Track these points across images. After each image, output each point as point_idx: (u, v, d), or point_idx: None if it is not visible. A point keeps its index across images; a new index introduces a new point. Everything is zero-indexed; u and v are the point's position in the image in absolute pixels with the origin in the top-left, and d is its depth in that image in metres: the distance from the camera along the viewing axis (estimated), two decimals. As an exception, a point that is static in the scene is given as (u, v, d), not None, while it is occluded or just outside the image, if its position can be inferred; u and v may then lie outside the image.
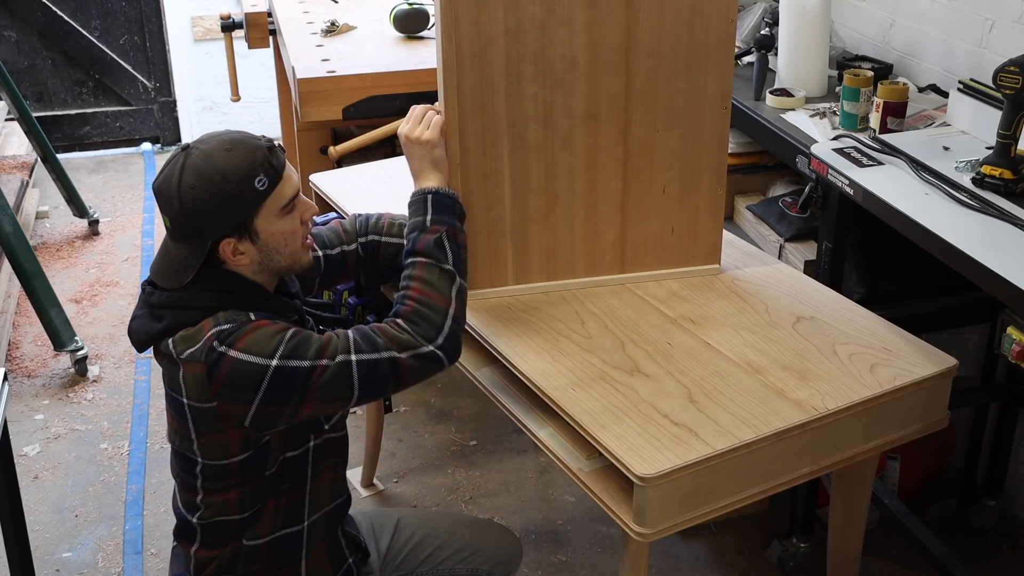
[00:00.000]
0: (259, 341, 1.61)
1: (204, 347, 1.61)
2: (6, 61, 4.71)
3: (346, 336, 1.65)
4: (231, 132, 1.68)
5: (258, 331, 1.62)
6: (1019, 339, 1.84)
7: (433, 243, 1.76)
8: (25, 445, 3.13)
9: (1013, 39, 2.48)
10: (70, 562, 2.71)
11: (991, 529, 2.70)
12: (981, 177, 2.08)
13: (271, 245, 1.68)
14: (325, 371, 1.61)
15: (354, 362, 1.63)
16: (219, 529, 1.76)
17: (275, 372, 1.59)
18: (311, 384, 1.61)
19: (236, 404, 1.62)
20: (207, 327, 1.63)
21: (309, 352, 1.62)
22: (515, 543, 2.10)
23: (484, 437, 3.12)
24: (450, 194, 1.85)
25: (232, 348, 1.60)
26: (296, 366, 1.60)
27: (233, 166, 1.60)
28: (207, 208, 1.61)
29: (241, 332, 1.61)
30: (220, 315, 1.64)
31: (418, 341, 1.67)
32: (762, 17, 3.26)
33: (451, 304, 1.71)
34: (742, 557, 2.67)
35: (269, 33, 3.88)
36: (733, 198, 3.03)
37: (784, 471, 1.75)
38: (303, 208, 1.72)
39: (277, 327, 1.63)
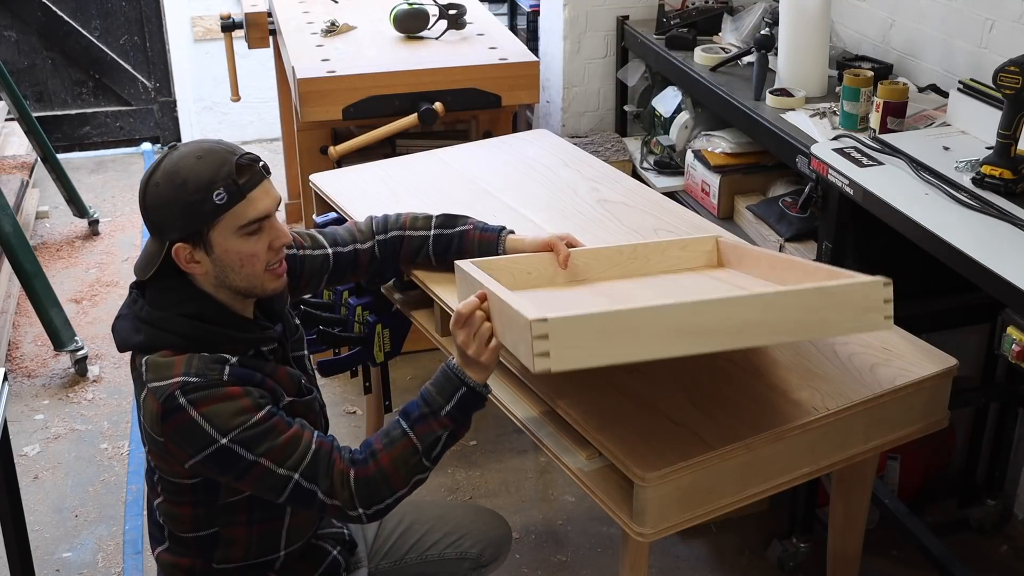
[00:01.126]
0: (220, 413, 1.59)
1: (167, 391, 1.59)
2: (6, 61, 4.71)
3: (304, 451, 1.62)
4: (218, 142, 1.66)
5: (224, 403, 1.59)
6: (1019, 339, 1.84)
7: (432, 437, 1.67)
8: (25, 445, 3.13)
9: (1013, 39, 2.48)
10: (70, 562, 2.71)
11: (991, 529, 2.70)
12: (981, 177, 2.08)
13: (225, 262, 1.65)
14: (264, 472, 1.60)
15: (294, 480, 1.62)
16: (180, 539, 1.77)
17: (219, 449, 1.58)
18: (249, 474, 1.61)
19: (181, 451, 1.62)
20: (178, 369, 1.61)
21: (259, 448, 1.59)
22: (504, 526, 2.10)
23: (484, 437, 3.12)
24: (482, 396, 1.69)
25: (192, 406, 1.59)
26: (241, 454, 1.59)
27: (196, 173, 1.59)
28: (165, 209, 1.61)
29: (207, 395, 1.59)
30: (195, 360, 1.62)
31: (353, 504, 1.65)
32: (762, 17, 3.26)
33: (404, 488, 1.67)
34: (742, 557, 2.67)
35: (269, 33, 3.88)
36: (733, 198, 3.03)
37: (784, 471, 1.75)
38: (273, 234, 1.67)
39: (244, 405, 1.60)
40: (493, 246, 2.05)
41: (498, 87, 3.19)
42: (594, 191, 2.48)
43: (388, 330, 2.42)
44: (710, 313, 1.44)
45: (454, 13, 3.44)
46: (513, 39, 3.47)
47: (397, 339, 2.45)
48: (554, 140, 2.82)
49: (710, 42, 3.33)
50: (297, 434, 1.63)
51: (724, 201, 3.03)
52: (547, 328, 1.39)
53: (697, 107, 3.30)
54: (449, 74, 3.15)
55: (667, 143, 3.35)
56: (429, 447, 1.67)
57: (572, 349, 1.41)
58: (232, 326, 1.69)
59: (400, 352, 2.47)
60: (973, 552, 2.65)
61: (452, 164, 2.67)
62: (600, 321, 1.41)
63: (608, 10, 3.74)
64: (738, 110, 2.83)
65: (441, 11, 3.43)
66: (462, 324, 1.64)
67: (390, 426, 1.70)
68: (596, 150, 3.51)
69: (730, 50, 3.20)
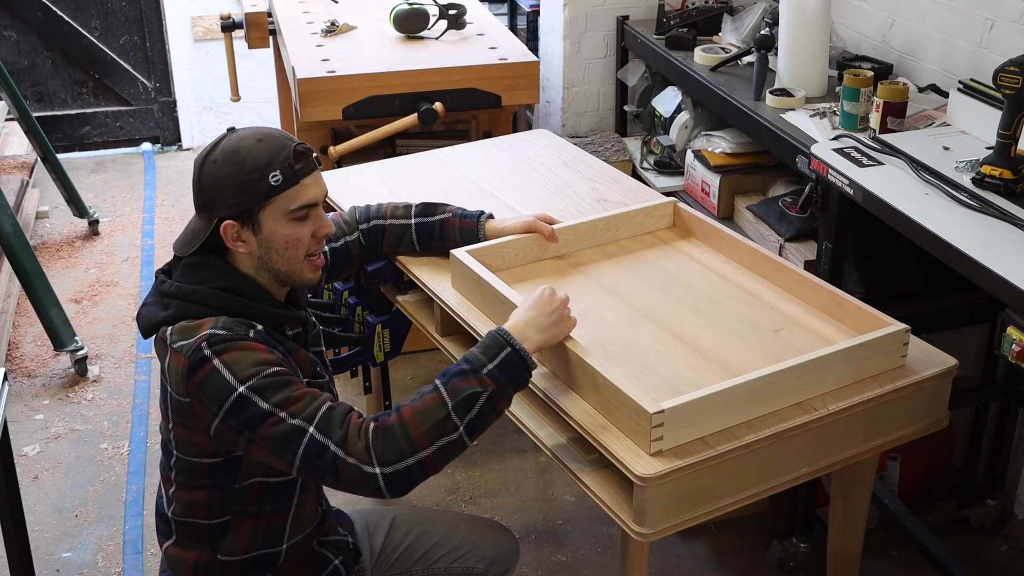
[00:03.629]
0: (240, 361, 1.60)
1: (194, 344, 1.62)
2: (6, 61, 4.71)
3: (319, 405, 1.59)
4: (276, 130, 1.72)
5: (246, 352, 1.61)
6: (1019, 339, 1.84)
7: (468, 393, 1.59)
8: (25, 445, 3.13)
9: (1013, 39, 2.48)
10: (70, 562, 2.71)
11: (991, 529, 2.70)
12: (981, 177, 2.08)
13: (271, 243, 1.69)
14: (278, 424, 1.58)
15: (308, 433, 1.57)
16: (190, 530, 1.77)
17: (237, 398, 1.58)
18: (261, 430, 1.58)
19: (205, 410, 1.62)
20: (205, 325, 1.64)
21: (275, 398, 1.58)
22: (512, 541, 2.09)
23: (484, 437, 3.12)
24: (528, 364, 1.66)
25: (217, 356, 1.60)
26: (257, 402, 1.58)
27: (255, 154, 1.65)
28: (220, 185, 1.66)
29: (232, 345, 1.62)
30: (222, 319, 1.65)
31: (368, 458, 1.55)
32: (762, 17, 3.26)
33: (428, 450, 1.56)
34: (742, 557, 2.67)
35: (269, 33, 3.88)
36: (733, 198, 3.03)
37: (784, 471, 1.75)
38: (318, 223, 1.73)
39: (266, 358, 1.61)
40: (473, 232, 2.13)
41: (498, 87, 3.19)
42: (594, 191, 2.49)
43: (388, 330, 2.42)
44: (779, 380, 1.72)
45: (454, 13, 3.44)
46: (513, 39, 3.47)
47: (397, 339, 2.45)
48: (554, 140, 2.82)
49: (710, 42, 3.33)
50: (313, 393, 1.63)
51: (724, 201, 3.03)
52: (663, 418, 1.61)
53: (697, 107, 3.30)
54: (449, 74, 3.15)
55: (667, 143, 3.35)
56: (462, 404, 1.57)
57: (680, 429, 1.64)
58: (263, 301, 1.72)
59: (400, 352, 2.47)
60: (973, 552, 2.65)
61: (452, 164, 2.67)
62: (700, 403, 1.65)
63: (608, 10, 3.74)
64: (738, 110, 2.83)
65: (441, 11, 3.43)
66: (554, 305, 1.72)
67: (424, 387, 1.64)
68: (596, 150, 3.51)
69: (730, 50, 3.20)
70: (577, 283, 2.13)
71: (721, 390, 1.66)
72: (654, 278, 2.13)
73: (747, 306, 2.02)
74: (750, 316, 1.99)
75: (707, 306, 2.02)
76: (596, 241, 2.25)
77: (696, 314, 2.00)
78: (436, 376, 1.64)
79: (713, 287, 2.09)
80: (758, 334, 1.93)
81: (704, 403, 1.65)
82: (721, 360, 1.85)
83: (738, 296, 2.06)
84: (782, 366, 1.72)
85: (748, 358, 1.85)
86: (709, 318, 1.98)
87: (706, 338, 1.92)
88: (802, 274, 2.04)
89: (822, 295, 1.99)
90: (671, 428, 1.62)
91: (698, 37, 3.34)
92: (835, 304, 1.96)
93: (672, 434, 1.63)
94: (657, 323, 1.97)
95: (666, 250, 2.25)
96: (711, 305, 2.03)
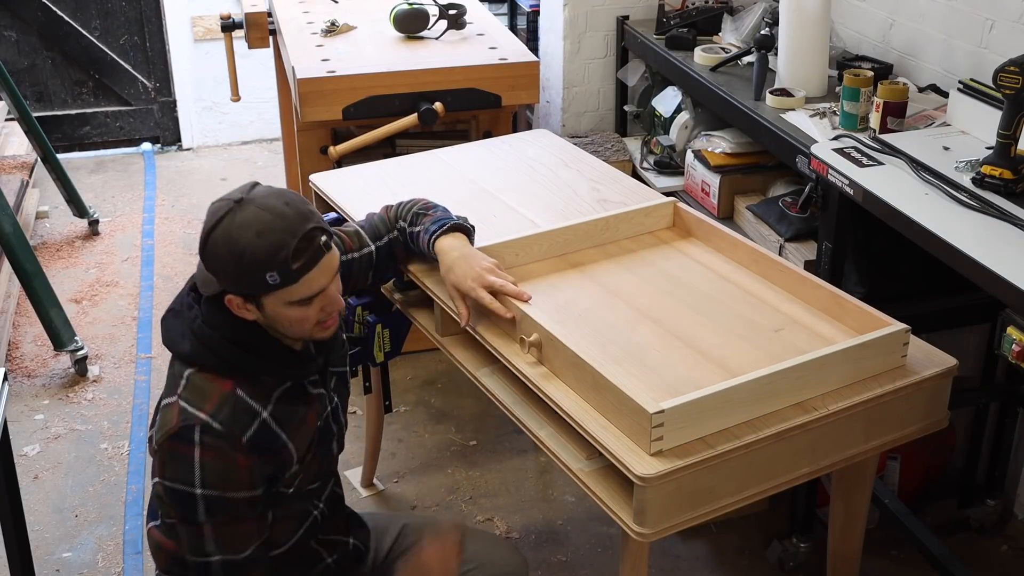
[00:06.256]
0: (214, 469, 1.63)
1: (191, 420, 1.64)
2: (6, 61, 4.70)
3: (242, 547, 1.69)
4: (285, 212, 1.61)
5: (225, 464, 1.64)
6: (1019, 339, 1.84)
7: None
8: (25, 445, 3.13)
9: (1013, 39, 2.48)
10: (70, 562, 2.70)
11: (991, 529, 2.70)
12: (981, 177, 2.08)
13: (277, 320, 1.68)
14: (198, 534, 1.67)
15: (212, 561, 1.69)
16: (169, 524, 1.77)
17: (187, 493, 1.64)
18: (187, 525, 1.68)
19: (161, 468, 1.68)
20: (211, 405, 1.65)
21: (216, 518, 1.65)
22: (521, 562, 2.08)
23: (484, 437, 3.12)
24: None
25: (199, 449, 1.63)
26: (198, 508, 1.64)
27: (253, 251, 1.59)
28: (219, 267, 1.63)
29: (218, 448, 1.63)
30: (227, 407, 1.65)
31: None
32: (762, 17, 3.26)
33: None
34: (742, 557, 2.67)
35: (269, 33, 3.88)
36: (733, 198, 3.03)
37: (784, 471, 1.75)
38: (325, 302, 1.69)
39: (240, 477, 1.65)
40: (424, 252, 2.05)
41: (498, 87, 3.19)
42: (594, 191, 2.48)
43: (388, 330, 2.42)
44: (779, 380, 1.72)
45: (454, 13, 3.44)
46: (513, 39, 3.47)
47: (397, 339, 2.45)
48: (554, 140, 2.82)
49: (710, 42, 3.33)
50: (249, 534, 1.69)
51: (724, 201, 3.03)
52: (663, 418, 1.61)
53: (697, 107, 3.30)
54: (449, 74, 3.15)
55: (667, 143, 3.35)
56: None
57: (680, 429, 1.64)
58: (276, 359, 1.72)
59: (400, 352, 2.47)
60: (973, 552, 2.65)
61: (452, 164, 2.67)
62: (700, 403, 1.65)
63: (608, 10, 3.74)
64: (738, 110, 2.83)
65: (441, 11, 3.43)
66: None
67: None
68: (596, 150, 3.51)
69: (730, 50, 3.20)
70: (577, 283, 2.13)
71: (721, 390, 1.66)
72: (654, 278, 2.13)
73: (747, 306, 2.02)
74: (750, 316, 1.99)
75: (707, 306, 2.02)
76: (596, 241, 2.25)
77: (696, 314, 2.00)
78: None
79: (713, 287, 2.09)
80: (758, 334, 1.93)
81: (704, 403, 1.65)
82: (721, 360, 1.85)
83: (738, 296, 2.06)
84: (782, 366, 1.72)
85: (748, 358, 1.85)
86: (709, 318, 1.98)
87: (706, 338, 1.92)
88: (802, 274, 2.04)
89: (822, 295, 1.99)
90: (671, 428, 1.62)
91: (698, 37, 3.34)
92: (835, 304, 1.96)
93: (672, 434, 1.63)
94: (657, 323, 1.97)
95: (666, 250, 2.25)
96: (711, 305, 2.03)
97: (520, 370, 1.86)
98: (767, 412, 1.72)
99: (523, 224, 2.31)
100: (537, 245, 2.19)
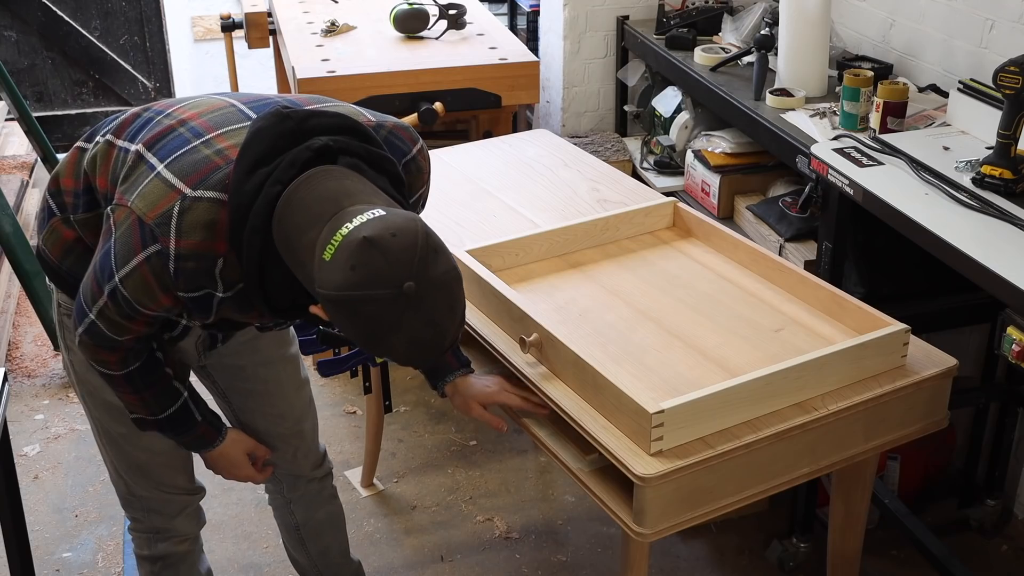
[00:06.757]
0: (140, 285, 1.51)
1: (154, 223, 1.48)
2: (6, 61, 4.71)
3: (125, 330, 1.62)
4: (441, 328, 1.40)
5: (143, 280, 1.50)
6: (1019, 339, 1.84)
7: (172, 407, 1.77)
8: (25, 445, 3.13)
9: (1013, 39, 2.48)
10: (70, 562, 2.71)
11: (991, 529, 2.70)
12: (981, 177, 2.08)
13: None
14: (98, 293, 1.58)
15: (89, 317, 1.62)
16: None
17: (117, 285, 1.54)
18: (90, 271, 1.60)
19: (107, 186, 1.62)
20: (185, 242, 1.47)
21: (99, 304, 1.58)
22: None
23: (484, 437, 3.12)
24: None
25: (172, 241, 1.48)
26: (105, 285, 1.55)
27: (389, 348, 1.39)
28: (341, 319, 1.39)
29: (152, 269, 1.49)
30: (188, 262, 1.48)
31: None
32: (762, 17, 3.26)
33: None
34: (742, 557, 2.67)
35: (269, 33, 3.88)
36: (733, 198, 3.03)
37: (784, 471, 1.75)
38: None
39: (151, 299, 1.52)
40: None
41: (498, 87, 3.19)
42: (594, 191, 2.49)
43: (388, 330, 2.42)
44: (779, 380, 1.72)
45: (454, 13, 3.44)
46: (513, 39, 3.47)
47: (397, 339, 2.44)
48: (554, 140, 2.82)
49: (710, 42, 3.33)
50: (133, 331, 1.61)
51: (724, 201, 3.03)
52: (663, 418, 1.62)
53: (697, 107, 3.30)
54: (449, 74, 3.15)
55: (667, 143, 3.35)
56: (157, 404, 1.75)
57: (680, 429, 1.65)
58: (269, 301, 1.54)
59: (400, 352, 2.46)
60: (973, 552, 2.65)
61: (452, 164, 2.67)
62: (700, 403, 1.65)
63: (608, 10, 3.74)
64: (738, 110, 2.83)
65: (441, 11, 3.43)
66: None
67: None
68: (596, 150, 3.51)
69: (730, 50, 3.20)
70: (577, 283, 2.13)
71: (721, 390, 1.67)
72: (654, 278, 2.13)
73: (747, 306, 2.03)
74: (750, 316, 1.99)
75: (707, 306, 2.03)
76: (596, 241, 2.25)
77: (696, 314, 2.00)
78: None
79: (713, 287, 2.10)
80: (758, 334, 1.93)
81: (704, 403, 1.65)
82: (721, 360, 1.86)
83: (738, 296, 2.06)
84: (782, 366, 1.72)
85: (748, 358, 1.85)
86: (709, 318, 1.99)
87: (706, 338, 1.92)
88: (802, 274, 2.04)
89: (822, 295, 1.99)
90: (671, 428, 1.62)
91: (698, 37, 3.34)
92: (835, 304, 1.96)
93: (672, 434, 1.63)
94: (657, 323, 1.97)
95: (666, 250, 2.25)
96: (711, 305, 2.03)
97: (520, 370, 1.86)
98: (767, 412, 1.72)
99: (523, 224, 2.31)
100: (537, 245, 2.19)
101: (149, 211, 1.49)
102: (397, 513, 2.84)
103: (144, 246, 1.49)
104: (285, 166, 1.45)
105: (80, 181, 1.69)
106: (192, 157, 1.52)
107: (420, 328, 1.37)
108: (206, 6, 5.23)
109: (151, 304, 1.55)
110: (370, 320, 1.36)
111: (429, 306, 1.37)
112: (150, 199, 1.50)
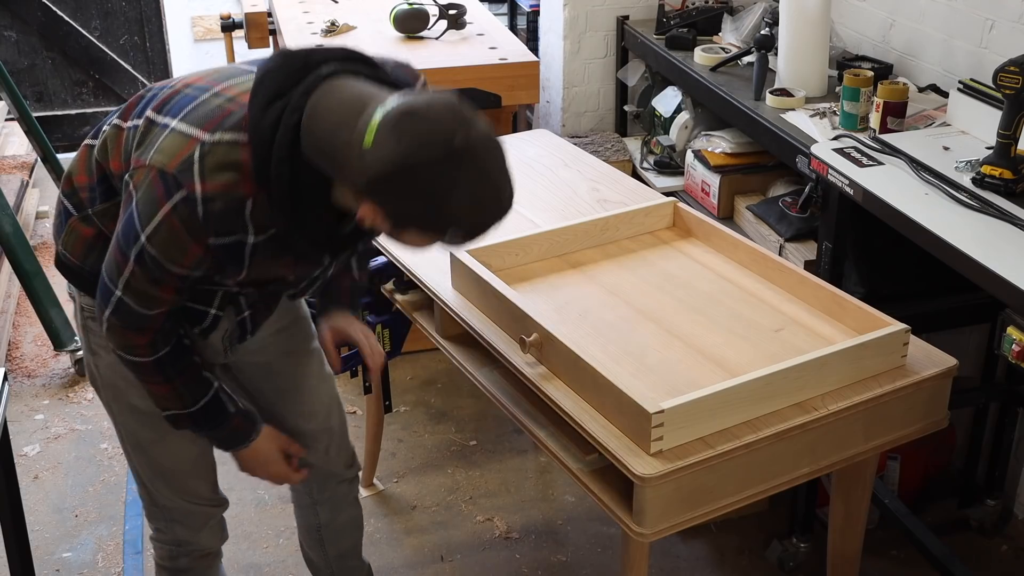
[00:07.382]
0: (161, 238, 1.49)
1: (176, 171, 1.47)
2: (6, 61, 4.71)
3: (148, 303, 1.60)
4: (497, 185, 1.44)
5: (173, 236, 1.49)
6: (1019, 339, 1.84)
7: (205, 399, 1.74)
8: (25, 445, 3.13)
9: (1013, 39, 2.48)
10: (70, 562, 2.70)
11: (991, 529, 2.70)
12: (981, 177, 2.08)
13: None
14: (122, 259, 1.57)
15: (116, 294, 1.61)
16: None
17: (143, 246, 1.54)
18: (117, 237, 1.59)
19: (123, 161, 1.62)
20: (211, 185, 1.45)
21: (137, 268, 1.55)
22: None
23: (484, 437, 3.12)
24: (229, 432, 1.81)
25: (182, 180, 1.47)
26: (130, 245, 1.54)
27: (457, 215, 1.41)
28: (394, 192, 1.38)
29: (181, 225, 1.47)
30: (216, 204, 1.46)
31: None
32: (762, 17, 3.26)
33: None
34: (742, 557, 2.67)
35: (269, 33, 3.88)
36: (733, 198, 3.03)
37: (784, 471, 1.75)
38: None
39: (175, 256, 1.51)
40: None
41: (498, 87, 3.19)
42: (594, 191, 2.49)
43: (388, 330, 2.42)
44: (779, 380, 1.72)
45: (454, 13, 3.44)
46: (513, 39, 3.47)
47: (397, 339, 2.45)
48: (554, 140, 2.82)
49: (710, 42, 3.33)
50: (161, 300, 1.59)
51: (724, 201, 3.03)
52: (663, 418, 1.62)
53: (697, 107, 3.30)
54: (449, 74, 3.15)
55: (667, 143, 3.35)
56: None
57: (680, 429, 1.65)
58: (306, 226, 1.51)
59: (400, 352, 2.47)
60: (973, 552, 2.65)
61: (452, 164, 2.67)
62: (700, 403, 1.65)
63: (608, 10, 3.74)
64: (738, 110, 2.83)
65: (441, 11, 3.43)
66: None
67: None
68: (596, 150, 3.51)
69: (730, 50, 3.20)
70: (577, 283, 2.13)
71: (721, 390, 1.67)
72: (654, 278, 2.13)
73: (747, 306, 2.03)
74: (750, 316, 1.99)
75: (707, 306, 2.03)
76: (596, 241, 2.26)
77: (696, 314, 2.00)
78: None
79: (713, 287, 2.10)
80: (758, 334, 1.93)
81: (704, 403, 1.65)
82: (721, 360, 1.86)
83: (738, 296, 2.06)
84: (782, 366, 1.72)
85: (748, 358, 1.85)
86: (709, 318, 1.99)
87: (706, 338, 1.92)
88: (802, 274, 2.04)
89: (822, 295, 1.99)
90: (671, 428, 1.62)
91: (698, 37, 3.34)
92: (835, 304, 1.96)
93: (672, 434, 1.63)
94: (657, 323, 1.97)
95: (666, 250, 2.25)
96: (711, 305, 2.03)
97: (520, 370, 1.86)
98: (767, 412, 1.72)
99: (523, 224, 2.31)
100: (537, 245, 2.19)
101: (170, 161, 1.48)
102: (397, 513, 2.84)
103: (169, 195, 1.47)
104: (300, 94, 1.45)
105: (94, 175, 1.69)
106: (205, 108, 1.52)
107: (477, 183, 1.38)
108: (206, 6, 5.23)
109: (181, 258, 1.52)
110: (428, 185, 1.35)
111: (482, 159, 1.39)
112: (169, 151, 1.49)
